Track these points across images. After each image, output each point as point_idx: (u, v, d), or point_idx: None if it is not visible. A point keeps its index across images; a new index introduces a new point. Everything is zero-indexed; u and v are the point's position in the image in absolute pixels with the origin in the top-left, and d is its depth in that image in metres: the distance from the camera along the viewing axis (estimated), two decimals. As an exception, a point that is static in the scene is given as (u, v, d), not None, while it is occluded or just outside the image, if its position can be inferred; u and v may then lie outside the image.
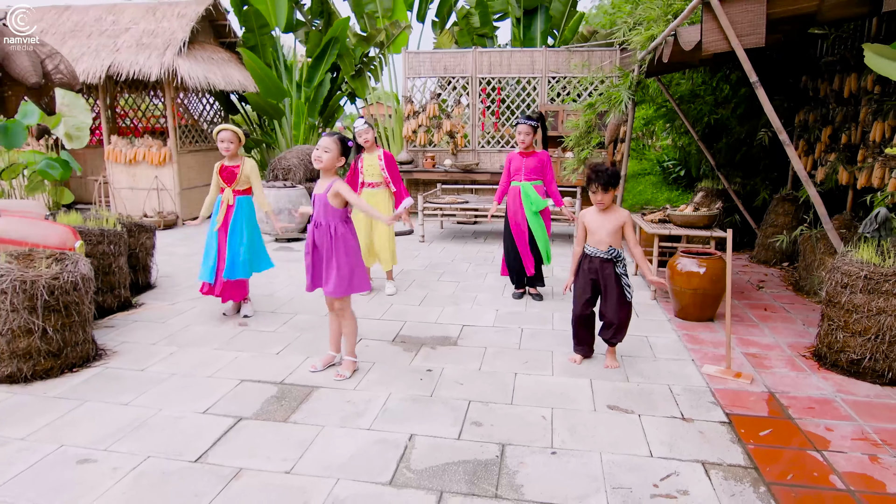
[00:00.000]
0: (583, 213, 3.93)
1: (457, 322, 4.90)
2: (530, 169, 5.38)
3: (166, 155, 9.08)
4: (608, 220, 3.80)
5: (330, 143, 3.59)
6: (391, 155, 5.54)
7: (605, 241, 3.82)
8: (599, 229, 3.82)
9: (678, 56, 5.38)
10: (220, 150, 4.66)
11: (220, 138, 4.62)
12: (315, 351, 4.22)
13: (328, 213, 3.64)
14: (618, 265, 3.85)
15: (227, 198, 4.72)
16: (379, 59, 10.57)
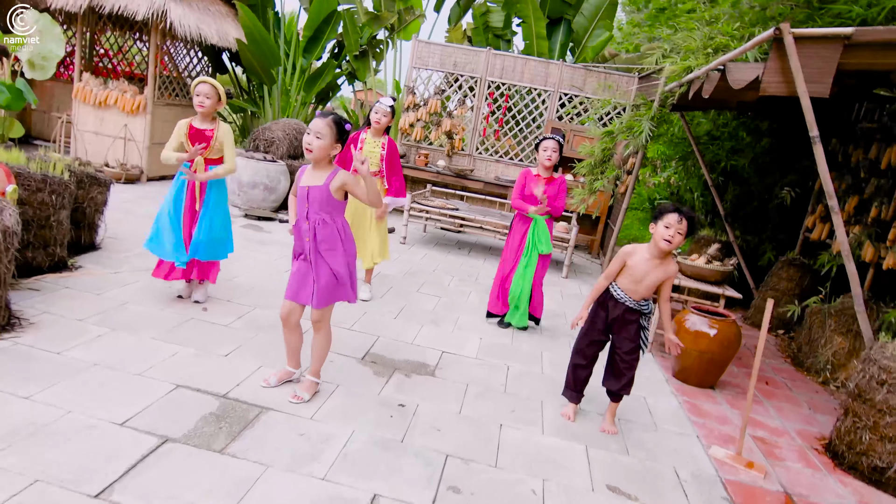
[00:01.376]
0: (628, 250, 3.37)
1: (436, 346, 4.33)
2: (549, 198, 4.82)
3: (140, 103, 8.29)
4: (658, 271, 3.26)
5: (323, 126, 2.95)
6: (395, 146, 4.94)
7: (643, 294, 3.31)
8: (644, 278, 3.28)
9: (720, 93, 4.92)
10: (195, 104, 3.99)
11: (198, 91, 3.96)
12: (272, 359, 3.60)
13: (330, 207, 3.05)
14: (644, 317, 3.34)
15: (198, 168, 4.06)
16: (387, 42, 9.94)
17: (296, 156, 8.73)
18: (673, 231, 3.17)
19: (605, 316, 3.40)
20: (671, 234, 3.17)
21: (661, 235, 3.23)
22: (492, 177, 9.40)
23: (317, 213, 3.03)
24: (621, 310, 3.33)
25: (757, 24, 5.93)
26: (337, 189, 3.01)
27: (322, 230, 3.02)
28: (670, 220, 3.18)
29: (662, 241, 3.21)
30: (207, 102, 3.96)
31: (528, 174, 4.97)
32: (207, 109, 3.98)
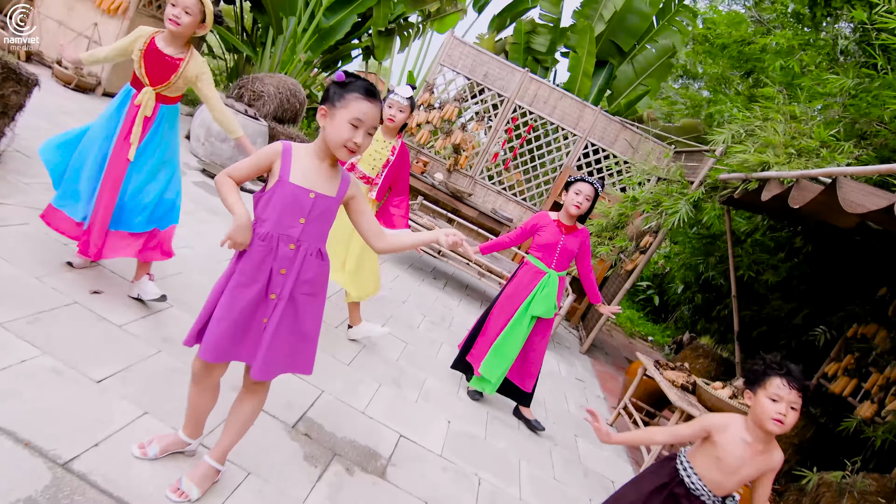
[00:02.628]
0: (718, 422, 2.33)
1: (393, 424, 3.25)
2: (568, 252, 3.87)
3: (122, 5, 6.97)
4: (759, 461, 2.25)
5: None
6: (408, 154, 3.85)
7: (730, 489, 2.29)
8: (739, 469, 2.25)
9: (811, 207, 4.04)
10: (167, 17, 2.82)
11: (175, 0, 2.81)
12: (161, 401, 2.46)
13: (324, 229, 1.97)
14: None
15: (144, 103, 2.90)
16: (418, 28, 8.88)
17: (282, 119, 7.54)
18: (784, 406, 2.18)
19: (663, 501, 2.36)
20: (782, 411, 2.17)
21: (767, 414, 2.19)
22: (489, 208, 8.41)
23: (317, 236, 1.95)
24: (694, 502, 2.32)
25: (850, 139, 5.16)
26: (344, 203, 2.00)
27: (312, 266, 1.94)
28: (779, 390, 2.18)
29: (771, 423, 2.18)
30: (185, 19, 2.80)
31: (545, 219, 3.99)
32: (183, 29, 2.83)
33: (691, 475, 2.32)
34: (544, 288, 3.92)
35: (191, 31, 2.86)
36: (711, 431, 2.31)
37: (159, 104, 2.91)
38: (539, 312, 3.92)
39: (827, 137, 4.79)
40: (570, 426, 4.55)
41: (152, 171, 2.97)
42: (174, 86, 2.90)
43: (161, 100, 2.91)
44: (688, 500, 2.31)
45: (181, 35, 2.84)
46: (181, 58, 2.88)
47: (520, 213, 8.52)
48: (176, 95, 2.97)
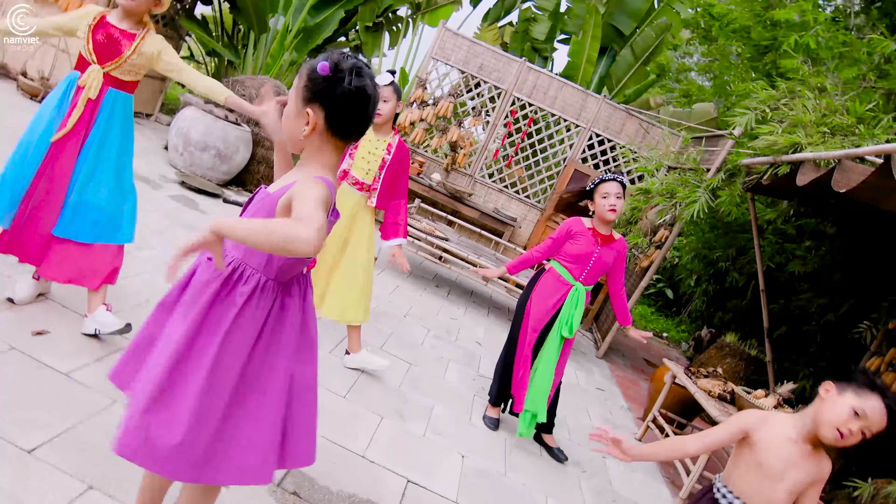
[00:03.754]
0: (754, 419, 1.93)
1: (398, 468, 2.79)
2: (602, 265, 3.39)
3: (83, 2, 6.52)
4: (808, 466, 1.85)
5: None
6: (407, 152, 3.39)
7: (783, 502, 1.86)
8: (783, 476, 1.83)
9: (858, 191, 3.58)
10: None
11: None
12: (107, 468, 2.00)
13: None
14: None
15: (89, 84, 2.46)
16: (408, 21, 8.41)
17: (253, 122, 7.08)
18: (859, 424, 1.77)
19: None
20: (855, 428, 1.79)
21: (836, 422, 1.81)
22: (490, 208, 7.95)
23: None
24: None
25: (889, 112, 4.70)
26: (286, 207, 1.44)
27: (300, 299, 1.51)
28: (868, 410, 1.78)
29: (833, 432, 1.80)
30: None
31: (579, 225, 3.47)
32: (137, 4, 2.40)
33: (733, 501, 1.89)
34: (574, 305, 3.45)
35: (146, 7, 2.45)
36: (749, 430, 1.91)
37: (108, 86, 2.47)
38: (568, 334, 3.45)
39: (864, 112, 4.33)
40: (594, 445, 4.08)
41: (102, 170, 2.54)
42: (128, 64, 2.46)
43: (111, 82, 2.49)
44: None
45: (135, 11, 2.45)
46: (134, 34, 2.44)
47: (523, 212, 8.06)
48: (130, 80, 2.54)
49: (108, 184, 2.56)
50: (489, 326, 5.87)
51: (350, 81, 1.43)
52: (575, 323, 3.43)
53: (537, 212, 8.03)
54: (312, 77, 1.43)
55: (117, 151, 2.59)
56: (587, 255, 3.40)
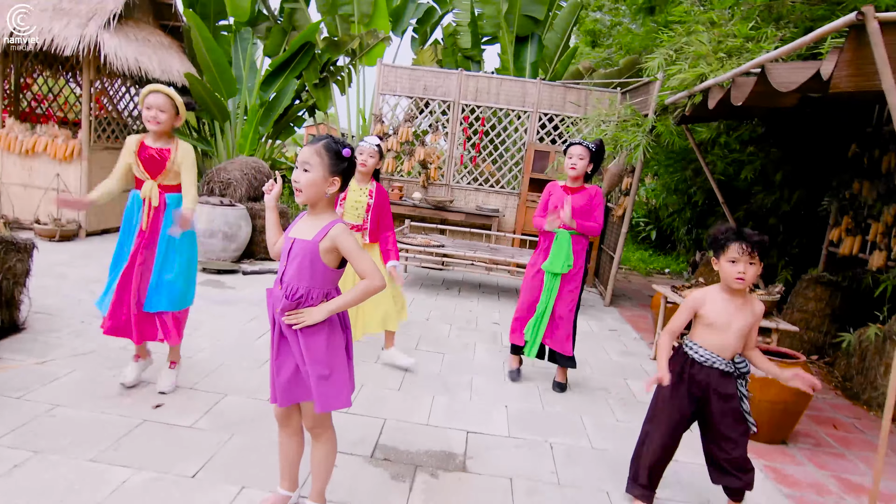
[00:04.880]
0: (698, 297, 2.63)
1: (457, 425, 3.49)
2: (575, 210, 4.07)
3: (74, 149, 7.29)
4: (743, 313, 2.53)
5: (312, 154, 2.15)
6: (386, 194, 4.13)
7: (734, 347, 2.55)
8: (728, 327, 2.53)
9: (753, 100, 4.30)
10: (146, 119, 3.16)
11: (149, 103, 3.13)
12: (253, 473, 2.71)
13: (314, 275, 2.18)
14: (741, 384, 2.58)
15: (149, 195, 3.22)
16: (348, 69, 9.19)
17: (256, 197, 7.84)
18: (742, 265, 2.47)
19: (691, 388, 2.61)
20: (741, 269, 2.47)
21: (730, 274, 2.51)
22: (472, 207, 8.68)
23: (299, 277, 2.18)
24: (712, 376, 2.57)
25: (770, 24, 5.42)
26: (328, 251, 2.17)
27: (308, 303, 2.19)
28: (735, 254, 2.47)
29: (735, 282, 2.49)
30: (163, 117, 3.15)
31: (554, 186, 4.22)
32: (163, 126, 3.17)
33: (697, 350, 2.59)
34: (559, 248, 4.12)
35: (170, 126, 3.20)
36: (696, 307, 2.58)
37: (164, 193, 3.21)
38: (552, 268, 4.11)
39: (748, 31, 5.06)
40: (618, 373, 4.79)
41: (173, 256, 3.27)
42: (171, 173, 3.20)
43: (164, 189, 3.21)
44: (703, 374, 2.57)
45: (164, 131, 3.20)
46: (169, 148, 3.19)
47: (503, 202, 8.78)
48: (176, 184, 3.26)
49: (180, 265, 3.30)
50: (502, 308, 6.57)
51: (354, 160, 2.19)
52: (556, 258, 4.09)
53: (515, 197, 8.75)
54: (339, 157, 2.16)
55: (188, 240, 3.33)
56: (560, 205, 4.11)
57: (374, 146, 3.97)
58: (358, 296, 2.15)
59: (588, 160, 4.03)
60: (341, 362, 2.22)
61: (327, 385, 2.17)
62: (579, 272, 4.16)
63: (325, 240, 2.14)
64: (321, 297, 2.17)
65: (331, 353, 2.19)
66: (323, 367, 2.16)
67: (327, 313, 2.13)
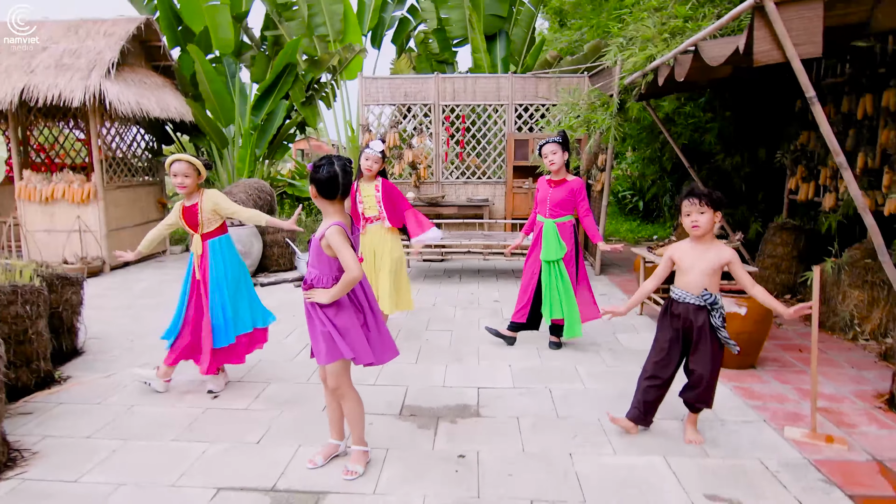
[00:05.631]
0: (671, 246, 3.22)
1: (469, 384, 4.09)
2: (557, 201, 4.62)
3: (90, 191, 7.87)
4: (706, 257, 3.08)
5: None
6: (391, 184, 4.74)
7: (699, 283, 3.10)
8: (692, 268, 3.10)
9: (694, 75, 4.88)
10: (174, 185, 3.73)
11: (173, 171, 3.69)
12: (305, 435, 3.30)
13: (320, 262, 2.80)
14: (713, 313, 3.12)
15: (195, 248, 3.80)
16: (331, 85, 9.77)
17: (262, 215, 8.41)
18: (694, 216, 3.04)
19: (674, 324, 3.18)
20: (693, 218, 3.05)
21: (687, 226, 3.11)
22: (464, 199, 9.26)
23: (313, 263, 2.82)
24: (689, 310, 3.13)
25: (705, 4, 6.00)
26: (326, 246, 2.76)
27: (318, 283, 2.81)
28: (687, 208, 3.06)
29: (692, 230, 3.08)
30: (187, 181, 3.70)
31: (540, 182, 4.81)
32: (190, 188, 3.73)
33: (675, 290, 3.16)
34: (548, 235, 4.70)
35: (195, 185, 3.74)
36: (672, 257, 3.16)
37: (205, 241, 3.78)
38: (547, 256, 4.70)
39: (686, 11, 5.64)
40: (608, 330, 5.38)
41: (224, 293, 3.82)
42: (205, 223, 3.76)
43: (205, 237, 3.78)
44: (680, 308, 3.13)
45: (190, 191, 3.74)
46: (196, 203, 3.75)
47: (491, 191, 9.36)
48: (213, 229, 3.82)
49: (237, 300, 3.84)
50: (501, 287, 7.16)
51: (323, 172, 2.74)
52: (548, 246, 4.68)
53: (501, 186, 9.33)
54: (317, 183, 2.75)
55: (234, 275, 3.87)
56: (545, 198, 4.69)
57: (378, 152, 4.56)
58: (342, 285, 2.72)
59: (561, 151, 4.59)
60: (346, 329, 2.79)
61: (332, 343, 2.76)
62: (572, 253, 4.72)
63: (324, 238, 2.74)
64: (331, 280, 2.78)
65: (339, 322, 2.78)
66: (328, 328, 2.75)
67: (329, 298, 2.72)
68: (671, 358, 3.19)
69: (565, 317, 4.65)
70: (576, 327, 4.65)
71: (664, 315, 3.23)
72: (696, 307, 3.11)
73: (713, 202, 3.01)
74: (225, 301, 3.80)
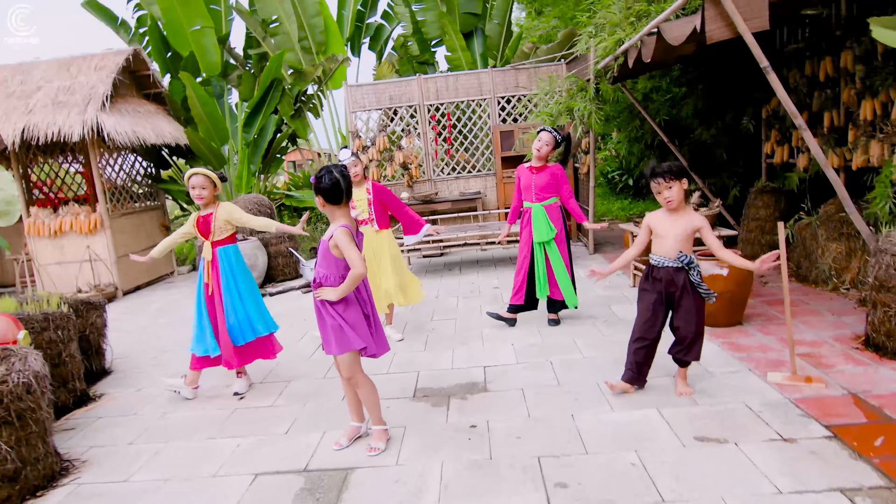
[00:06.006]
0: (648, 216, 3.51)
1: (476, 364, 4.38)
2: (541, 186, 4.91)
3: (97, 221, 8.16)
4: (678, 224, 3.36)
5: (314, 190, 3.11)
6: (381, 186, 5.01)
7: (675, 248, 3.38)
8: (667, 234, 3.39)
9: (659, 55, 5.16)
10: (192, 197, 4.02)
11: (191, 184, 3.99)
12: (329, 423, 3.59)
13: (328, 263, 3.08)
14: (691, 272, 3.40)
15: (206, 255, 4.08)
16: (318, 95, 10.04)
17: (264, 228, 8.69)
18: (665, 193, 3.32)
19: (657, 287, 3.44)
20: (665, 195, 3.33)
21: (661, 202, 3.39)
22: (456, 193, 9.54)
23: (322, 264, 3.09)
24: (668, 274, 3.40)
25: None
26: (333, 246, 3.04)
27: (326, 282, 3.08)
28: (655, 187, 3.35)
29: (667, 205, 3.36)
30: (205, 193, 4.00)
31: (521, 169, 5.07)
32: (207, 199, 4.02)
33: (654, 257, 3.45)
34: (537, 218, 4.98)
35: (212, 196, 4.04)
36: (649, 224, 3.45)
37: (215, 248, 4.06)
38: (540, 238, 4.97)
39: (649, -6, 5.91)
40: (602, 303, 5.66)
41: (237, 295, 4.11)
42: (217, 231, 4.05)
43: (215, 244, 4.07)
44: (661, 272, 3.41)
45: (207, 202, 4.05)
46: (211, 212, 4.05)
47: (482, 183, 9.64)
48: (223, 238, 4.11)
49: (245, 302, 4.14)
50: (500, 275, 7.45)
51: (325, 181, 3.02)
52: (541, 231, 4.96)
53: (492, 177, 9.61)
54: (315, 187, 3.03)
55: (243, 281, 4.16)
56: (529, 184, 4.97)
57: (350, 158, 4.81)
58: (350, 282, 2.99)
59: (552, 147, 4.88)
60: (354, 323, 3.07)
61: (342, 335, 3.04)
62: (562, 233, 5.01)
63: (331, 240, 3.02)
64: (338, 279, 3.05)
65: (347, 316, 3.06)
66: (338, 322, 3.04)
67: (337, 295, 3.00)
68: (656, 319, 3.47)
69: (563, 292, 4.94)
70: (573, 300, 4.95)
71: (646, 280, 3.51)
72: (675, 269, 3.39)
73: (675, 174, 3.30)
74: (236, 302, 4.10)
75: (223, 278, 4.08)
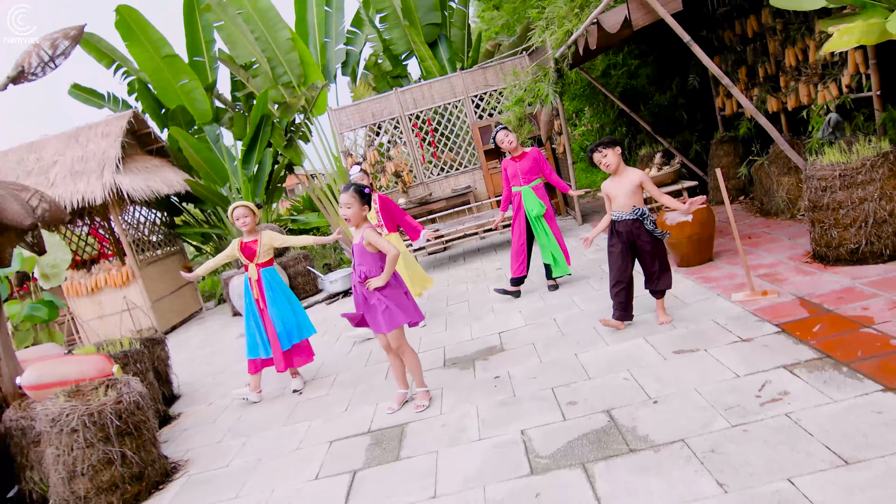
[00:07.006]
0: (602, 184, 4.25)
1: (491, 332, 5.11)
2: (526, 170, 5.65)
3: (128, 273, 8.90)
4: (623, 183, 4.10)
5: (349, 197, 3.77)
6: (386, 198, 5.74)
7: (628, 204, 4.11)
8: (618, 194, 4.12)
9: (603, 41, 5.88)
10: (239, 226, 4.75)
11: (235, 216, 4.72)
12: (379, 398, 4.32)
13: (366, 259, 3.80)
14: (645, 221, 4.12)
15: (251, 275, 4.81)
16: (305, 123, 10.77)
17: (280, 253, 9.43)
18: (603, 161, 4.08)
19: (621, 238, 4.17)
20: (604, 163, 4.11)
21: (605, 170, 4.15)
22: (449, 191, 10.26)
23: (360, 263, 3.81)
24: (628, 225, 4.14)
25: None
26: (367, 245, 3.77)
27: (368, 275, 3.79)
28: (596, 159, 4.13)
29: (606, 169, 4.11)
30: (248, 220, 4.73)
31: (506, 161, 5.82)
32: (251, 226, 4.75)
33: (614, 213, 4.18)
34: (527, 198, 5.71)
35: (254, 223, 4.77)
36: (605, 191, 4.19)
37: (259, 269, 4.79)
38: (534, 213, 5.70)
39: (587, -13, 6.63)
40: (594, 265, 6.39)
41: (282, 307, 4.84)
42: (261, 255, 4.78)
43: (259, 266, 4.80)
44: (621, 225, 4.15)
45: (250, 229, 4.76)
46: (256, 239, 4.78)
47: (471, 178, 10.37)
48: (266, 260, 4.84)
49: (288, 311, 4.86)
50: (501, 258, 8.18)
51: (356, 188, 3.77)
52: (530, 204, 5.68)
53: (478, 171, 10.34)
54: (363, 194, 3.76)
55: (285, 295, 4.90)
56: (515, 171, 5.71)
57: (360, 171, 5.55)
58: (389, 265, 3.73)
59: (512, 133, 5.62)
60: (400, 301, 3.81)
61: (391, 314, 3.78)
62: (550, 210, 5.75)
63: (364, 239, 3.75)
64: (379, 269, 3.78)
65: (391, 297, 3.79)
66: (387, 304, 3.76)
67: (383, 280, 3.73)
68: (626, 264, 4.21)
69: (554, 261, 5.68)
70: (564, 267, 5.68)
71: (611, 235, 4.25)
72: (632, 220, 4.12)
73: (606, 144, 4.06)
74: (283, 311, 4.83)
75: (268, 293, 4.81)
